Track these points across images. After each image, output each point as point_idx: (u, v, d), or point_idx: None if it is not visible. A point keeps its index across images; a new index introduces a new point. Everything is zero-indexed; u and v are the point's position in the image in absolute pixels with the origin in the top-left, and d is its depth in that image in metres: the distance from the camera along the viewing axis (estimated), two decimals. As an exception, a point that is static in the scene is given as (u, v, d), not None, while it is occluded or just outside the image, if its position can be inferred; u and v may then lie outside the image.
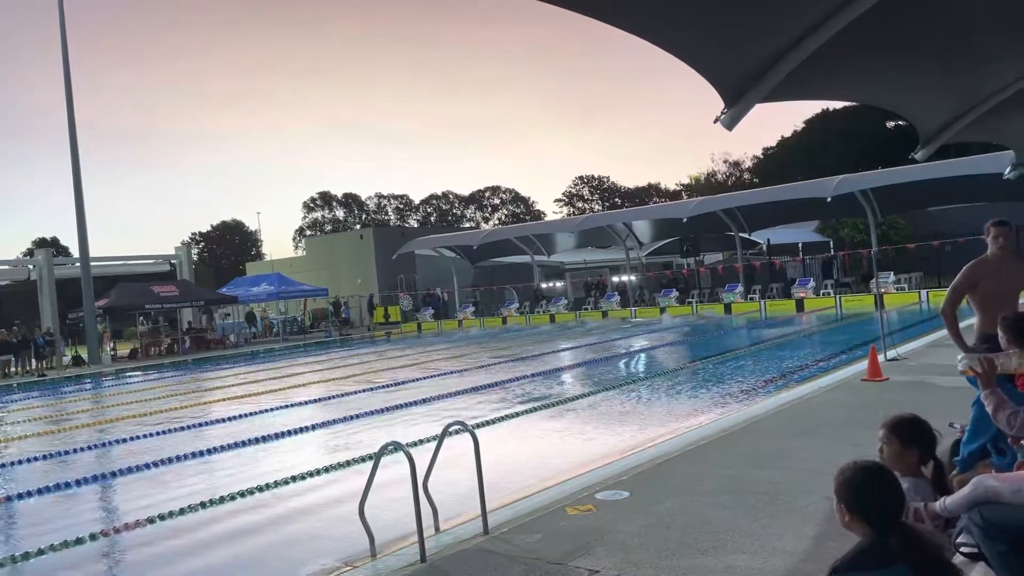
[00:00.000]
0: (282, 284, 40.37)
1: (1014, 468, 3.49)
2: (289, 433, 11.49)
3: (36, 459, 11.18)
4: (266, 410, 14.23)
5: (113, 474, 9.69)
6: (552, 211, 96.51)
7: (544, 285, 42.28)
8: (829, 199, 29.75)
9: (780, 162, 66.17)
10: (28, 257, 46.53)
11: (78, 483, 9.24)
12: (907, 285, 30.67)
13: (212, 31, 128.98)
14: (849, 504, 2.57)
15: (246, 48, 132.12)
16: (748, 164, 78.14)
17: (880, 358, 11.21)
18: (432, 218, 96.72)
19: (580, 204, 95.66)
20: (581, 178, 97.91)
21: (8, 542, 7.40)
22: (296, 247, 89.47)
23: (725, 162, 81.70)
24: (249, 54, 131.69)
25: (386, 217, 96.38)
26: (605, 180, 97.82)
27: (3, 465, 10.96)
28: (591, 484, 6.54)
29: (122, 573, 6.44)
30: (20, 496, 8.81)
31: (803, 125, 68.17)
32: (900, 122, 44.77)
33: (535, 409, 11.86)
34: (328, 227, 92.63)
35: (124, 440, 12.13)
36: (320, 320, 44.16)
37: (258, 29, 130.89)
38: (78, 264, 32.28)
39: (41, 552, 6.54)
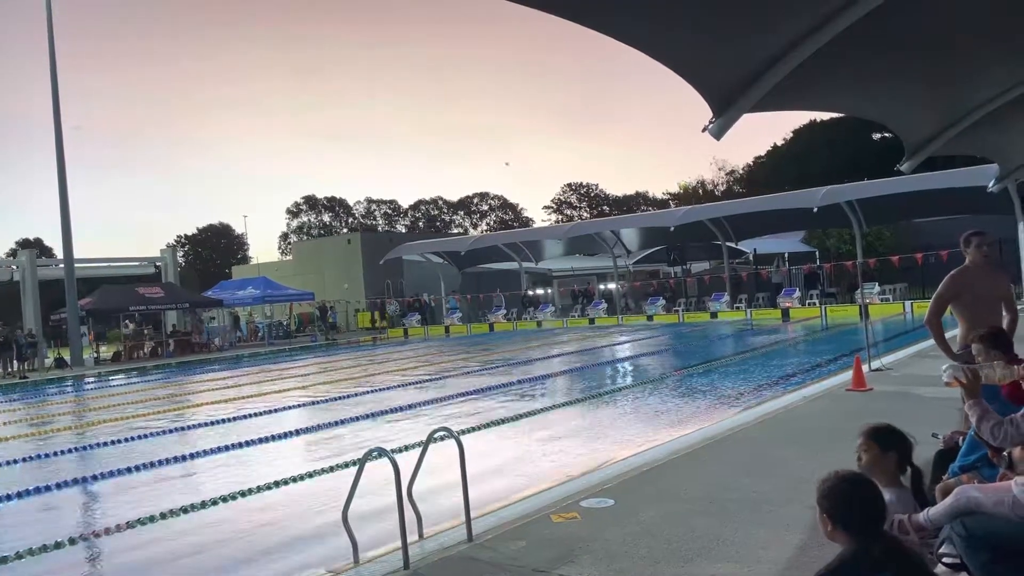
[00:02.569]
0: (268, 288, 40.17)
1: (997, 479, 3.51)
2: (272, 438, 11.42)
3: (14, 462, 11.05)
4: (249, 415, 14.14)
5: (92, 478, 9.59)
6: (540, 218, 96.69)
7: (530, 292, 42.28)
8: (815, 209, 29.94)
9: (768, 172, 66.54)
10: (11, 258, 46.13)
11: (57, 486, 9.15)
12: (892, 296, 30.87)
13: (201, 36, 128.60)
14: (831, 514, 2.58)
15: (235, 52, 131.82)
16: (740, 172, 78.47)
17: (864, 368, 11.27)
18: (420, 223, 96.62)
19: (568, 211, 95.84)
20: (570, 185, 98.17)
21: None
22: (282, 252, 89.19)
23: (720, 169, 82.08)
24: (239, 58, 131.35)
25: (374, 222, 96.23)
26: (593, 188, 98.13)
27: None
28: (576, 491, 6.53)
29: (101, 578, 6.38)
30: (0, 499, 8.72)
31: (791, 135, 68.61)
32: (886, 134, 45.14)
33: (520, 416, 11.84)
34: (315, 231, 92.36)
35: (104, 444, 12.02)
36: (306, 324, 43.97)
37: (248, 34, 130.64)
38: (62, 265, 32.02)
39: (19, 556, 6.46)
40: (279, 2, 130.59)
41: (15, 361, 28.50)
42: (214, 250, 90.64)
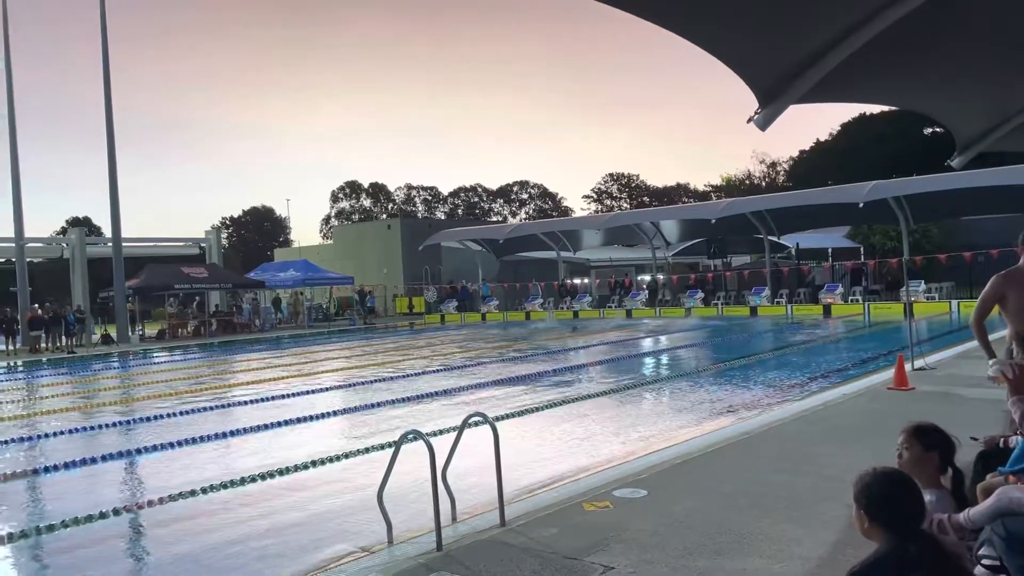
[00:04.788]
0: (309, 271, 40.65)
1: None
2: (310, 418, 11.60)
3: (61, 433, 11.38)
4: (288, 395, 14.36)
5: (136, 452, 9.85)
6: (580, 207, 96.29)
7: (567, 282, 42.19)
8: (861, 205, 29.38)
9: (814, 165, 65.45)
10: (61, 235, 47.31)
11: (103, 459, 9.41)
12: (938, 295, 30.23)
13: (249, 22, 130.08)
14: (869, 510, 2.54)
15: (282, 38, 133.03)
16: (784, 166, 77.30)
17: (907, 367, 11.08)
18: (460, 211, 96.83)
19: (608, 201, 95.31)
20: (611, 175, 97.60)
21: (33, 514, 7.56)
22: (324, 235, 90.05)
23: (762, 162, 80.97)
24: (285, 44, 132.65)
25: (414, 208, 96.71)
26: (634, 178, 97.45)
27: (30, 438, 11.19)
28: (609, 481, 6.54)
29: (139, 549, 6.56)
30: (46, 469, 8.98)
31: (839, 128, 67.36)
32: (937, 128, 44.12)
33: (555, 404, 11.86)
34: (356, 216, 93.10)
35: (147, 419, 12.32)
36: (345, 308, 44.44)
37: (295, 20, 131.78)
38: (110, 244, 32.73)
39: (64, 525, 6.66)
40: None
41: (64, 337, 29.26)
42: (257, 232, 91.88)
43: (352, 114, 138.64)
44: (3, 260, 38.45)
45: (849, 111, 67.70)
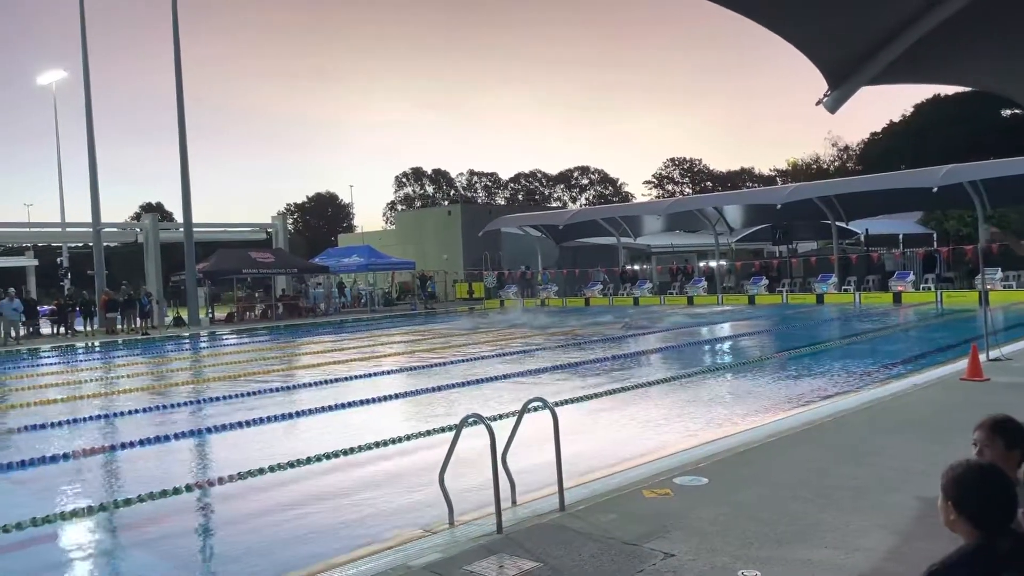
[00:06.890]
0: (371, 256, 41.21)
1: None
2: (374, 400, 11.79)
3: (137, 412, 11.82)
4: (352, 377, 14.64)
5: (206, 430, 10.17)
6: (641, 193, 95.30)
7: (628, 268, 41.86)
8: (935, 189, 28.39)
9: (885, 148, 63.44)
10: (136, 221, 48.91)
11: (175, 437, 9.75)
12: (1015, 283, 29.07)
13: (317, 10, 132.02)
14: (958, 503, 2.42)
15: (346, 30, 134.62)
16: (856, 150, 75.14)
17: (982, 358, 10.70)
18: (520, 196, 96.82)
19: (670, 187, 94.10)
20: (672, 160, 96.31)
21: (105, 489, 7.89)
22: (387, 221, 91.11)
23: (834, 145, 78.85)
24: (349, 36, 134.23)
25: (475, 195, 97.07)
26: (696, 163, 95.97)
27: (106, 416, 11.65)
28: (669, 468, 6.50)
29: (208, 526, 6.79)
30: (123, 446, 9.35)
31: (912, 110, 65.12)
32: (1016, 110, 42.31)
33: (615, 390, 11.81)
34: (418, 202, 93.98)
35: (218, 399, 12.70)
36: (406, 293, 44.96)
37: (364, 9, 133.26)
38: (181, 229, 33.73)
39: (140, 499, 6.92)
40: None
41: (138, 319, 30.32)
42: (321, 218, 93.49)
43: (415, 102, 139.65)
44: (81, 245, 39.95)
45: (922, 91, 65.36)
